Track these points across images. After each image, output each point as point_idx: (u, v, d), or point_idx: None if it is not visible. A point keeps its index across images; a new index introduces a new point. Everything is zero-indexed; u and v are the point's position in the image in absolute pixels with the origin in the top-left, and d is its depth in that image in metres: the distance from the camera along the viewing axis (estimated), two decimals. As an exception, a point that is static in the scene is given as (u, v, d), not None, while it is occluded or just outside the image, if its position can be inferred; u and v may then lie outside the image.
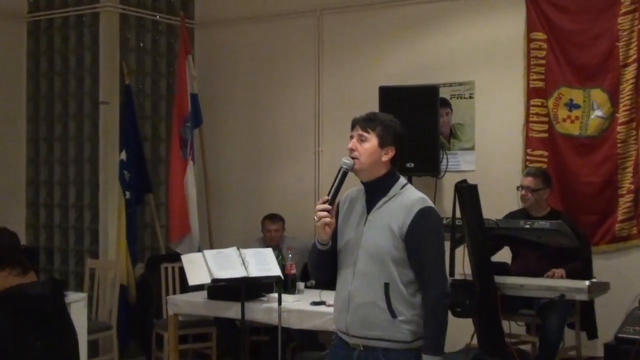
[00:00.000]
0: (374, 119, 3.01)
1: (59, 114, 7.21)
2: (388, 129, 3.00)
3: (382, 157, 2.99)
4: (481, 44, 6.39)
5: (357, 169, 2.97)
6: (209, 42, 7.73)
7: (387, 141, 2.99)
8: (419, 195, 3.00)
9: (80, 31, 7.08)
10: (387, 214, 2.95)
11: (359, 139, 2.99)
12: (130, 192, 6.78)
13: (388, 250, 2.91)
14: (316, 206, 2.94)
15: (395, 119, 3.07)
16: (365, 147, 2.97)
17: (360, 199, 3.05)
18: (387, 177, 3.01)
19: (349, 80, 6.95)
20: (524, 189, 5.52)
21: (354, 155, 2.98)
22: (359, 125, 3.00)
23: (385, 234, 2.92)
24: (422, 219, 2.91)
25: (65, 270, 7.18)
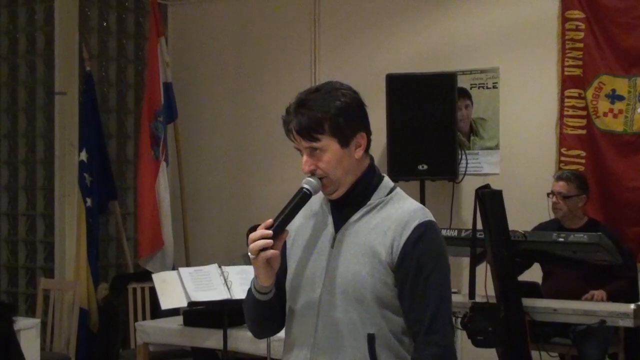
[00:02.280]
0: (311, 115, 2.40)
1: (6, 106, 7.24)
2: (340, 116, 2.41)
3: (354, 156, 2.46)
4: (507, 25, 6.43)
5: (330, 191, 2.46)
6: (184, 22, 7.76)
7: (349, 132, 2.43)
8: (416, 204, 2.51)
9: (32, 8, 7.11)
10: (368, 232, 2.42)
11: (310, 153, 2.44)
12: (91, 199, 6.81)
13: (371, 284, 2.38)
14: (251, 235, 2.37)
15: (334, 88, 2.47)
16: (326, 161, 2.42)
17: (323, 212, 2.52)
18: (367, 178, 2.50)
19: (350, 67, 6.97)
20: (555, 195, 5.56)
21: (318, 175, 2.44)
22: (298, 135, 2.42)
23: (367, 261, 2.39)
24: (422, 238, 2.39)
25: (14, 291, 7.20)
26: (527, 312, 4.92)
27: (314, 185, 2.44)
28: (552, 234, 5.18)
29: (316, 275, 2.45)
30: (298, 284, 2.48)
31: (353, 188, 2.47)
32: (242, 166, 7.41)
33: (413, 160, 6.20)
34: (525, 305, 4.93)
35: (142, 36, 7.58)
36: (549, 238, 5.14)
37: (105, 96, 7.37)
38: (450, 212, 6.39)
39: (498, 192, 4.94)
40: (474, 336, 4.73)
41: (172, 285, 5.24)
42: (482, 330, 4.73)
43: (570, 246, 5.03)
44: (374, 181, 2.51)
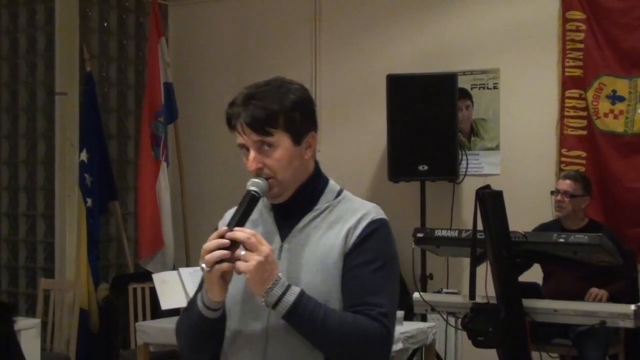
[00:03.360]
0: (265, 106, 2.24)
1: (7, 106, 7.24)
2: (294, 110, 2.26)
3: (304, 156, 2.30)
4: (507, 25, 6.43)
5: (277, 193, 2.27)
6: (185, 23, 7.76)
7: (303, 129, 2.28)
8: (369, 203, 2.36)
9: (32, 8, 7.11)
10: (319, 237, 2.27)
11: (258, 149, 2.26)
12: (92, 199, 6.81)
13: (323, 292, 2.21)
14: (205, 245, 2.18)
15: (286, 82, 2.35)
16: (277, 158, 2.25)
17: (264, 220, 2.35)
18: (313, 182, 2.35)
19: (351, 68, 6.98)
20: (561, 193, 5.55)
21: (265, 174, 2.26)
22: (248, 127, 2.24)
23: (318, 267, 2.23)
24: (377, 233, 2.26)
25: (14, 291, 7.20)
26: (527, 313, 4.91)
27: (261, 186, 2.24)
28: (552, 235, 5.18)
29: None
30: (241, 301, 2.28)
31: (299, 192, 2.30)
32: (242, 167, 7.38)
33: (413, 160, 6.20)
34: (525, 305, 4.93)
35: (143, 36, 7.59)
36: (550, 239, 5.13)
37: (105, 96, 7.37)
38: (451, 212, 6.40)
39: (498, 192, 4.94)
40: (474, 337, 4.73)
41: (173, 286, 5.25)
42: (482, 331, 4.72)
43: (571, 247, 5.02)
44: (320, 185, 2.36)
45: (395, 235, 2.39)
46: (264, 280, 2.13)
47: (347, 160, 6.92)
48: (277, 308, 2.15)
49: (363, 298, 2.20)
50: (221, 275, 2.16)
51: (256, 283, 2.14)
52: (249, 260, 2.12)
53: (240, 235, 2.13)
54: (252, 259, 2.12)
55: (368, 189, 6.86)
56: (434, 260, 6.15)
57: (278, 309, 2.15)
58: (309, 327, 2.16)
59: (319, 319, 2.15)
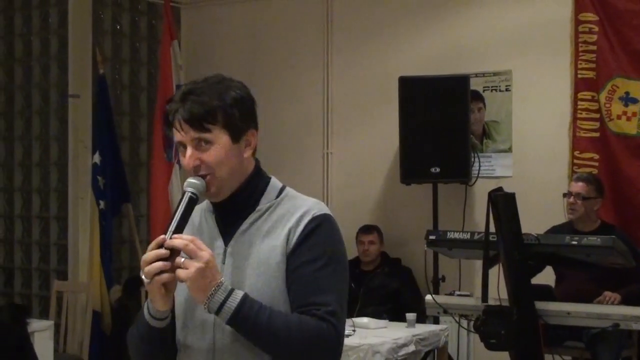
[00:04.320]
0: (204, 102, 2.17)
1: (20, 108, 7.27)
2: (234, 107, 2.21)
3: (243, 154, 2.24)
4: (520, 27, 6.43)
5: (215, 192, 2.21)
6: (197, 25, 7.78)
7: (242, 127, 2.23)
8: (312, 200, 2.28)
9: (46, 11, 7.14)
10: (262, 238, 2.21)
11: (196, 146, 2.19)
12: (105, 201, 6.82)
13: (268, 296, 2.16)
14: (144, 256, 2.11)
15: (226, 79, 2.30)
16: (214, 154, 2.18)
17: (206, 224, 2.30)
18: (254, 181, 2.28)
19: (363, 70, 6.98)
20: (573, 196, 5.54)
21: (201, 172, 2.19)
22: (186, 124, 2.17)
23: (262, 270, 2.18)
24: (318, 229, 2.20)
25: (27, 293, 7.23)
26: (540, 315, 4.91)
27: (198, 186, 2.18)
28: (565, 237, 5.17)
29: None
30: (186, 310, 2.24)
31: (239, 193, 2.24)
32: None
33: (426, 163, 6.20)
34: (538, 308, 4.92)
35: (155, 39, 7.61)
36: (562, 241, 5.13)
37: (118, 99, 7.39)
38: (463, 214, 6.39)
39: (511, 194, 4.93)
40: (486, 339, 4.72)
41: (185, 288, 5.26)
42: (495, 334, 4.72)
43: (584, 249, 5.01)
44: (261, 184, 2.28)
45: (408, 237, 2.39)
46: (206, 286, 2.08)
47: (359, 163, 6.92)
48: (221, 314, 2.09)
49: (309, 298, 2.15)
50: (163, 285, 2.10)
51: (197, 290, 2.08)
52: (189, 268, 2.06)
53: (178, 243, 2.08)
54: (191, 266, 2.06)
55: (380, 191, 6.86)
56: (446, 263, 6.15)
57: (221, 314, 2.09)
58: (254, 331, 2.12)
59: (264, 322, 2.10)
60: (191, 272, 2.06)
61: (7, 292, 7.25)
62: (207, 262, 2.07)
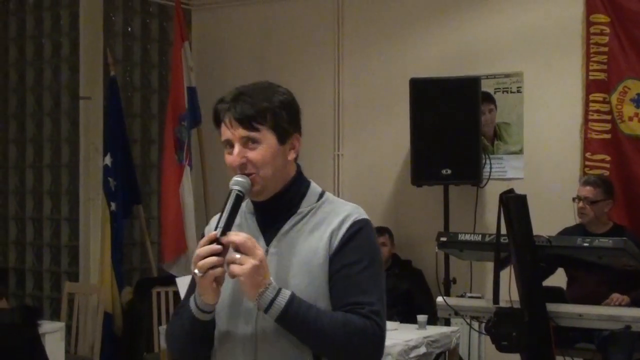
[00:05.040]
0: (255, 103, 2.28)
1: (32, 110, 7.29)
2: (282, 110, 2.31)
3: (287, 157, 2.34)
4: (531, 29, 6.42)
5: (260, 189, 2.29)
6: (208, 27, 7.79)
7: (289, 129, 2.32)
8: (351, 204, 2.37)
9: (57, 13, 7.16)
10: (303, 240, 2.29)
11: (244, 143, 2.28)
12: (116, 203, 6.84)
13: (310, 295, 2.23)
14: (196, 250, 2.20)
15: (275, 84, 2.42)
16: (261, 154, 2.27)
17: (247, 224, 2.38)
18: (296, 184, 2.37)
19: (374, 72, 6.98)
20: (582, 200, 5.53)
21: (247, 170, 2.28)
22: (236, 122, 2.27)
23: (304, 270, 2.26)
24: (360, 233, 2.29)
25: (39, 295, 7.25)
26: (551, 317, 4.90)
27: (244, 184, 2.27)
28: (576, 239, 5.16)
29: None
30: (230, 304, 2.31)
31: (281, 195, 2.33)
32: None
33: (437, 164, 6.19)
34: (549, 310, 4.91)
35: (166, 41, 7.62)
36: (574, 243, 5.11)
37: (129, 101, 7.41)
38: (474, 216, 6.38)
39: (522, 196, 4.92)
40: (498, 341, 4.71)
41: (196, 290, 5.27)
42: (506, 335, 4.71)
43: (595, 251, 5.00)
44: (302, 188, 2.38)
45: (419, 239, 2.42)
46: (258, 283, 2.16)
47: (370, 165, 6.92)
48: (270, 312, 2.17)
49: (352, 298, 2.23)
50: (215, 279, 2.18)
51: (250, 286, 2.16)
52: (245, 264, 2.13)
53: (237, 239, 2.16)
54: (247, 262, 2.13)
55: (391, 193, 6.86)
56: (458, 265, 6.14)
57: (270, 312, 2.17)
58: (301, 330, 2.20)
59: (311, 320, 2.18)
60: (247, 268, 2.13)
61: (18, 294, 7.28)
62: (262, 260, 2.16)
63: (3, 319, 5.02)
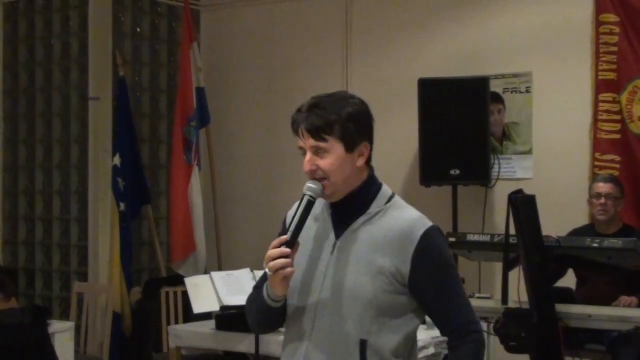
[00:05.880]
0: (323, 114, 2.49)
1: (41, 111, 7.30)
2: (350, 122, 2.51)
3: (356, 163, 2.54)
4: (540, 28, 6.40)
5: (330, 193, 2.52)
6: (217, 27, 7.79)
7: (356, 139, 2.52)
8: (415, 213, 2.61)
9: (66, 14, 7.17)
10: (369, 241, 2.50)
11: (314, 152, 2.50)
12: (125, 203, 6.84)
13: (369, 291, 2.45)
14: (268, 251, 2.47)
15: (347, 96, 2.61)
16: (329, 162, 2.49)
17: (323, 217, 2.60)
18: (366, 187, 2.58)
19: (382, 72, 6.97)
20: (604, 197, 5.51)
21: (318, 177, 2.51)
22: (307, 133, 2.50)
23: (366, 269, 2.46)
24: (430, 246, 2.51)
25: (48, 295, 7.26)
26: (560, 318, 4.89)
27: (315, 190, 2.51)
28: (586, 239, 5.15)
29: (316, 279, 2.52)
30: (299, 285, 2.54)
31: (352, 196, 2.54)
32: (274, 170, 7.42)
33: (445, 164, 6.18)
34: (558, 310, 4.90)
35: (175, 41, 7.63)
36: (583, 243, 5.10)
37: (138, 101, 7.41)
38: (483, 217, 6.37)
39: (531, 197, 4.91)
40: (506, 342, 4.71)
41: (205, 290, 5.27)
42: (514, 336, 4.70)
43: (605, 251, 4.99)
44: (373, 190, 2.59)
45: None
46: None
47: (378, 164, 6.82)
48: None
49: (455, 320, 2.52)
50: (284, 278, 2.44)
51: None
52: None
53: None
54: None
55: (399, 193, 6.73)
56: (466, 265, 6.12)
57: None
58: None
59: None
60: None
61: (28, 294, 7.29)
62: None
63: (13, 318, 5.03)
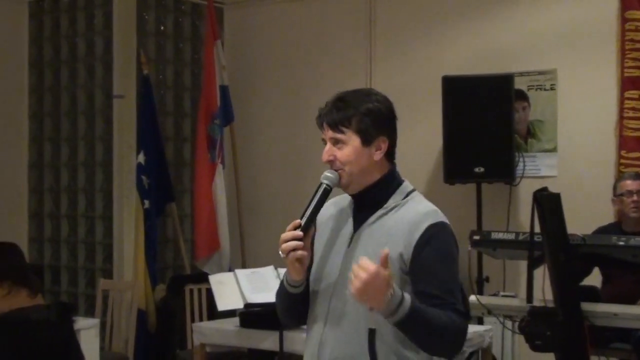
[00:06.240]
0: (343, 108, 2.64)
1: (66, 109, 7.34)
2: (369, 116, 2.63)
3: (373, 157, 2.64)
4: (565, 25, 6.37)
5: (345, 183, 2.64)
6: (240, 25, 7.80)
7: (373, 133, 2.63)
8: (430, 207, 2.68)
9: (91, 12, 7.20)
10: (382, 233, 2.61)
11: (333, 143, 2.65)
12: (149, 201, 6.87)
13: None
14: (282, 235, 2.61)
15: (372, 93, 2.73)
16: (346, 153, 2.62)
17: (346, 212, 2.72)
18: (384, 182, 2.68)
19: (406, 70, 6.96)
20: (636, 194, 5.47)
21: (335, 167, 2.64)
22: (327, 124, 2.66)
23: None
24: (432, 239, 2.57)
25: (73, 292, 7.30)
26: (586, 317, 4.86)
27: (332, 179, 2.63)
28: (611, 238, 5.11)
29: (332, 269, 2.66)
30: (318, 275, 2.68)
31: (370, 189, 2.66)
32: (297, 168, 7.42)
33: (469, 162, 6.16)
34: (584, 309, 4.87)
35: (199, 39, 7.64)
36: (609, 241, 5.07)
37: (162, 99, 7.44)
38: (507, 215, 6.34)
39: (556, 195, 4.88)
40: (531, 340, 4.68)
41: (229, 287, 5.28)
42: (540, 335, 4.68)
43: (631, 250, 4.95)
44: (392, 185, 2.70)
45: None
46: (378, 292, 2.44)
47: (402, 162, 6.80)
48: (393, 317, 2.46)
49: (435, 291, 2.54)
50: (297, 260, 2.58)
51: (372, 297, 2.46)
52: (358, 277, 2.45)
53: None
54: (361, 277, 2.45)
55: (423, 191, 6.76)
56: (491, 263, 6.11)
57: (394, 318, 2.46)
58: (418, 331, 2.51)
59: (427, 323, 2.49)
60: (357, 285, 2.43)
61: (54, 291, 7.33)
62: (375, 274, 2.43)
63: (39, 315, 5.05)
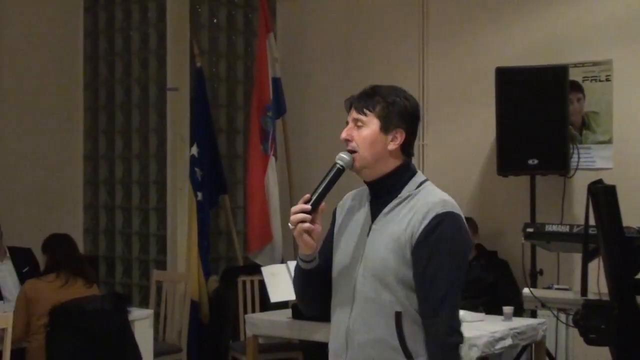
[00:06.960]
0: (372, 94, 2.73)
1: (121, 102, 7.42)
2: (393, 106, 2.71)
3: (387, 146, 2.71)
4: (620, 16, 6.28)
5: (358, 166, 2.73)
6: (293, 18, 7.82)
7: (393, 122, 2.71)
8: (441, 196, 2.71)
9: (145, 6, 7.27)
10: (396, 221, 2.69)
11: (355, 124, 2.74)
12: (202, 193, 6.92)
13: (394, 267, 2.65)
14: (292, 207, 2.73)
15: (403, 91, 2.80)
16: (364, 135, 2.71)
17: (364, 203, 2.81)
18: (398, 173, 2.75)
19: (459, 61, 6.92)
20: None
21: (350, 147, 2.74)
22: (354, 106, 2.75)
23: (393, 248, 2.66)
24: (439, 228, 2.62)
25: (128, 283, 7.39)
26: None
27: (346, 160, 2.73)
28: (667, 230, 5.05)
29: (354, 259, 2.73)
30: (340, 264, 2.77)
31: (384, 179, 2.74)
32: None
33: (523, 154, 6.11)
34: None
35: (252, 32, 7.67)
36: (665, 234, 5.01)
37: (215, 92, 7.48)
38: (562, 207, 6.28)
39: (611, 187, 4.83)
40: (586, 334, 4.64)
41: (281, 279, 5.31)
42: (595, 328, 4.63)
43: (687, 243, 4.89)
44: (406, 176, 2.75)
45: (505, 230, 2.44)
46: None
47: (456, 154, 6.86)
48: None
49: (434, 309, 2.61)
50: (307, 232, 2.66)
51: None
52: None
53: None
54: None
55: (477, 183, 6.79)
56: (544, 256, 6.06)
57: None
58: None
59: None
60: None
61: (108, 281, 7.43)
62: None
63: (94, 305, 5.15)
